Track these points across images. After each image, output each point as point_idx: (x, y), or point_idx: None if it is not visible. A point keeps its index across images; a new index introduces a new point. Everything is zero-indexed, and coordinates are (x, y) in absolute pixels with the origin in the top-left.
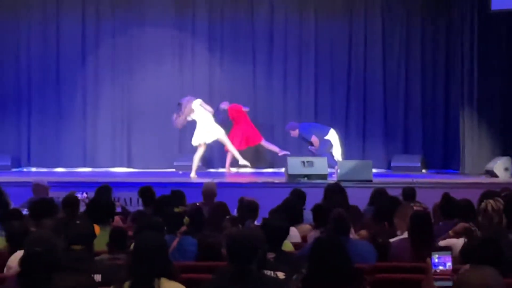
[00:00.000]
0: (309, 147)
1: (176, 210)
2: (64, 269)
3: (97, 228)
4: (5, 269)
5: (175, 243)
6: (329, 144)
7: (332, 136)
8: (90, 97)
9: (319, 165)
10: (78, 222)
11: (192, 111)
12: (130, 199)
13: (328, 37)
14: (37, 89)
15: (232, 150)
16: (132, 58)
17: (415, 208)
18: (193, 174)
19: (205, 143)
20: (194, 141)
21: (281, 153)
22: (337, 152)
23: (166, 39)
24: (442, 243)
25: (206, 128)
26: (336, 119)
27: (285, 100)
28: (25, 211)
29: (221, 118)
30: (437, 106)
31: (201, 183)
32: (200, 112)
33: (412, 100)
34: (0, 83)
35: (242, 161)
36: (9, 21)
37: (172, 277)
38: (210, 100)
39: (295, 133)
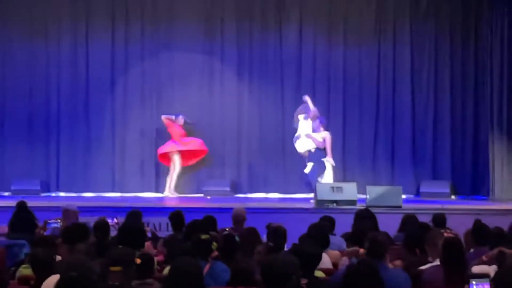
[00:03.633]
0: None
1: (202, 237)
2: None
3: None
4: None
5: (206, 268)
6: (322, 166)
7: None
8: (118, 122)
9: (348, 191)
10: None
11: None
12: (160, 224)
13: (356, 62)
14: (66, 113)
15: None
16: (161, 83)
17: (445, 234)
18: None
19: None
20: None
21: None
22: (328, 177)
23: (195, 65)
24: (475, 269)
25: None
26: (364, 144)
27: None
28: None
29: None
30: (466, 131)
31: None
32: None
33: (440, 126)
34: (30, 108)
35: None
36: (39, 46)
37: None
38: (238, 125)
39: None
